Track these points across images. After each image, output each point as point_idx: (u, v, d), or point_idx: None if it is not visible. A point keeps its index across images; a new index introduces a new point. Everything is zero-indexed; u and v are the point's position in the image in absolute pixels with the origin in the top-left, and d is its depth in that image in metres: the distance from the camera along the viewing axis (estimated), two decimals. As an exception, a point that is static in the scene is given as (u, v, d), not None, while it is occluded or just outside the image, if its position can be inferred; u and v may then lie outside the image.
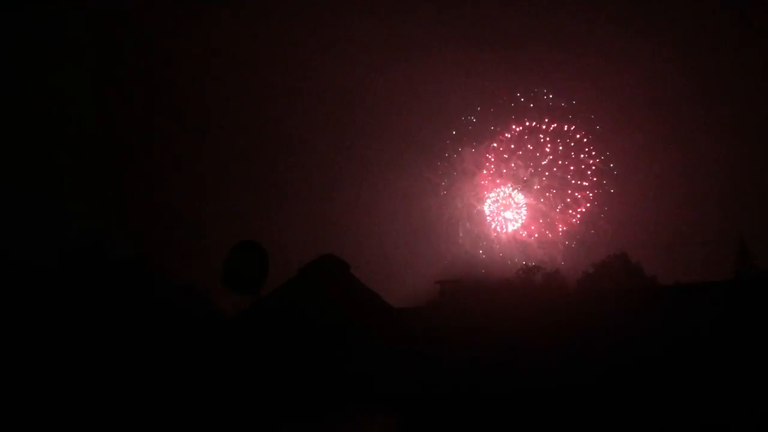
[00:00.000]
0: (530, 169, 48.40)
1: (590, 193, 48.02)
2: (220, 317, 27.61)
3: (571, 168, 48.72)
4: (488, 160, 48.88)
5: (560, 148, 48.68)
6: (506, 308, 30.99)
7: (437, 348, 25.54)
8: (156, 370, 24.16)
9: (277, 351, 25.15)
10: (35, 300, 25.25)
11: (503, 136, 48.60)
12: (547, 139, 48.62)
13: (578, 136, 48.18)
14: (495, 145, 48.81)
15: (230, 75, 44.73)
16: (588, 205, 47.44)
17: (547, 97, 48.05)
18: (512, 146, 48.93)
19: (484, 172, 48.87)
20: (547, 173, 48.79)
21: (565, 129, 48.16)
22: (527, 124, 48.42)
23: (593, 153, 48.07)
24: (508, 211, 48.22)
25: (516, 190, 48.38)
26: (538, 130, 48.45)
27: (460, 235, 48.48)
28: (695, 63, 45.53)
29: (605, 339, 25.13)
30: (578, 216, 47.27)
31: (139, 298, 26.50)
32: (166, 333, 25.75)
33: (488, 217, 48.22)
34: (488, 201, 48.67)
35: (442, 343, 26.02)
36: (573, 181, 48.40)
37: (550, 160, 48.94)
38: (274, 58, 45.85)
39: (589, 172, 47.90)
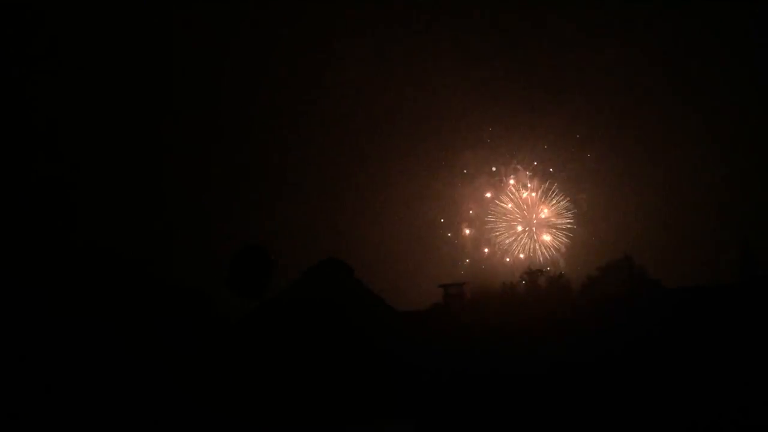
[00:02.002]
0: (530, 171, 48.43)
1: (594, 195, 47.95)
2: (224, 320, 27.61)
3: (574, 171, 48.67)
4: (489, 163, 48.84)
5: (563, 150, 48.63)
6: (510, 312, 30.97)
7: (441, 351, 25.54)
8: (160, 372, 24.16)
9: (281, 354, 25.15)
10: (39, 301, 25.28)
11: (503, 138, 48.55)
12: (549, 140, 48.58)
13: (579, 137, 48.15)
14: (495, 149, 48.86)
15: (233, 78, 44.80)
16: (592, 208, 47.38)
17: (548, 98, 47.92)
18: (513, 149, 48.92)
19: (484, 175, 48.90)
20: (548, 176, 48.76)
21: (567, 130, 48.12)
22: (526, 123, 48.38)
23: (596, 155, 48.02)
24: (511, 215, 48.25)
25: (518, 192, 48.42)
26: (539, 131, 48.38)
27: (462, 238, 48.47)
28: (698, 65, 45.47)
29: (610, 342, 25.14)
30: (582, 219, 47.22)
31: (144, 301, 26.52)
32: (171, 336, 25.75)
33: (491, 219, 48.24)
34: (490, 204, 48.69)
35: (447, 347, 26.01)
36: (576, 184, 48.35)
37: (552, 162, 48.89)
38: (277, 61, 45.92)
39: (593, 163, 47.88)
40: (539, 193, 48.20)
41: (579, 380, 23.06)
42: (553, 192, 48.23)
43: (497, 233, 47.07)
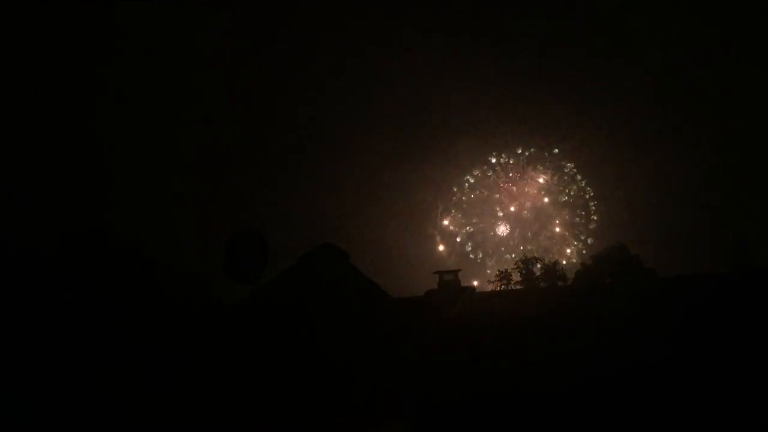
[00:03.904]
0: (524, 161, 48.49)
1: (589, 186, 48.14)
2: (220, 305, 27.61)
3: (570, 162, 48.83)
4: (482, 152, 48.96)
5: (558, 143, 48.78)
6: (505, 299, 31.10)
7: (436, 338, 25.62)
8: (155, 357, 24.17)
9: (276, 340, 25.16)
10: (35, 286, 25.23)
11: (497, 128, 48.67)
12: (545, 133, 48.71)
13: (574, 129, 48.22)
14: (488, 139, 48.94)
15: (233, 70, 44.86)
16: (588, 198, 47.58)
17: (544, 91, 47.97)
18: (507, 139, 49.02)
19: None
20: (544, 166, 48.86)
21: (562, 123, 48.21)
22: (521, 116, 48.48)
23: (592, 147, 48.12)
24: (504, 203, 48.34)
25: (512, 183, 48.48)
26: (534, 125, 48.52)
27: (458, 227, 48.58)
28: (694, 64, 45.67)
29: (603, 329, 25.29)
30: (578, 208, 47.40)
31: (139, 286, 26.47)
32: (166, 320, 25.74)
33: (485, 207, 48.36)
34: (485, 194, 48.77)
35: (440, 333, 26.09)
36: (572, 175, 48.51)
37: (548, 153, 49.02)
38: (276, 55, 46.02)
39: (588, 155, 47.98)
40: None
41: (574, 367, 23.17)
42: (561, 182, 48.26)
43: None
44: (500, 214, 48.62)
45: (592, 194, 48.13)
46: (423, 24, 47.34)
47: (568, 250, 45.45)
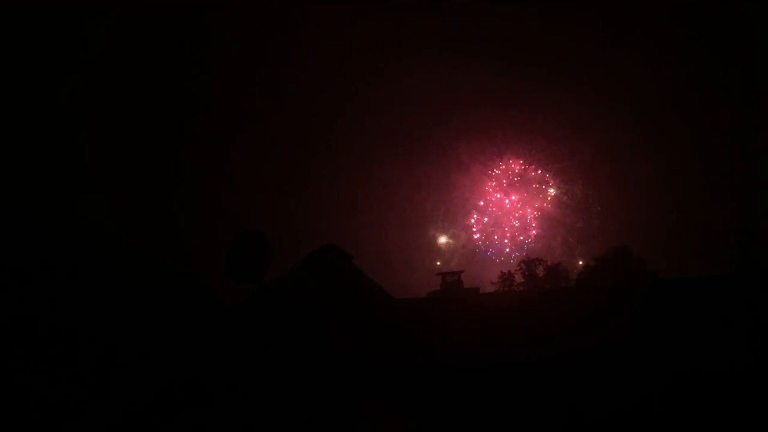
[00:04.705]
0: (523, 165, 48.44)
1: (589, 187, 48.11)
2: (222, 306, 27.56)
3: (570, 163, 48.77)
4: (483, 154, 48.94)
5: (559, 142, 48.73)
6: (508, 300, 31.06)
7: (438, 339, 25.57)
8: (155, 357, 24.12)
9: (278, 341, 25.14)
10: (36, 286, 25.18)
11: (498, 130, 48.63)
12: (546, 132, 48.65)
13: (575, 130, 48.14)
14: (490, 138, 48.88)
15: (234, 72, 44.98)
16: (592, 201, 47.55)
17: (546, 93, 47.94)
18: (508, 141, 48.96)
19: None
20: (544, 169, 48.83)
21: (562, 124, 48.14)
22: (523, 117, 48.43)
23: (593, 148, 48.08)
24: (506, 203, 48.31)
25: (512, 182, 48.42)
26: (536, 127, 48.47)
27: (460, 229, 48.54)
28: (693, 64, 45.72)
29: (606, 331, 25.23)
30: (580, 211, 47.39)
31: (139, 285, 26.42)
32: (166, 321, 25.71)
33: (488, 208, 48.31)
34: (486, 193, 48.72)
35: (443, 335, 26.04)
36: (574, 177, 48.48)
37: (549, 155, 48.97)
38: (278, 56, 46.10)
39: (589, 156, 47.93)
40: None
41: (578, 371, 23.11)
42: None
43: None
44: (503, 215, 48.62)
45: (594, 197, 48.15)
46: (426, 27, 47.49)
47: (580, 262, 45.48)
